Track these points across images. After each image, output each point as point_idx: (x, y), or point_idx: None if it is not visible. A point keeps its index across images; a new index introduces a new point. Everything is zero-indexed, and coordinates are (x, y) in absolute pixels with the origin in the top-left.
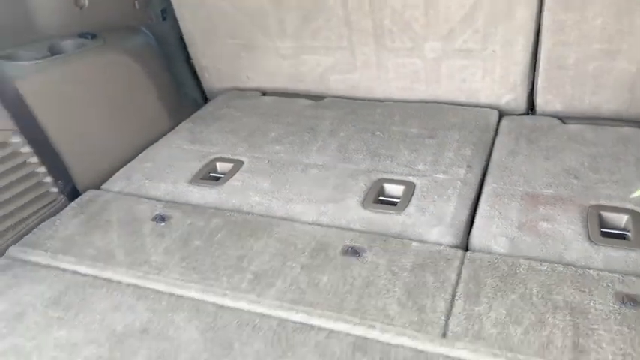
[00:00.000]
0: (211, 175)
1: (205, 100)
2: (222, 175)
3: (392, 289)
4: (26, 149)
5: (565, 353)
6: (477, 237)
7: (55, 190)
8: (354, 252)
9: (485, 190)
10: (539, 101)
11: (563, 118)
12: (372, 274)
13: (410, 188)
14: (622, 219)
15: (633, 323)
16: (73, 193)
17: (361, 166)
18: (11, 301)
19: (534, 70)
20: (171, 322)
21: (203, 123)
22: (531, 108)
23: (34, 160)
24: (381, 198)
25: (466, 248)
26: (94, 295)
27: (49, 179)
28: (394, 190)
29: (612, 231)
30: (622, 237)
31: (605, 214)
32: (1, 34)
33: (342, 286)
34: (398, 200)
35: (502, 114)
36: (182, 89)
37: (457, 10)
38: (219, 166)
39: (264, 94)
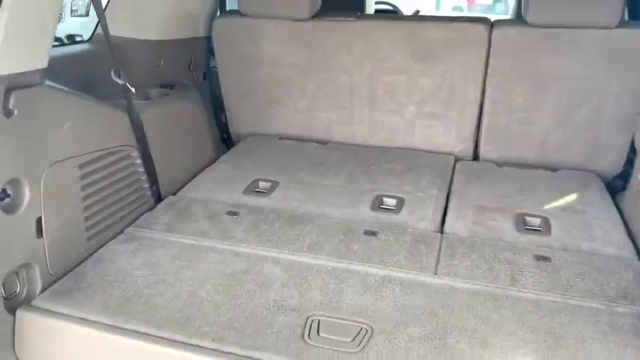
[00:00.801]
0: (256, 190)
1: (226, 144)
2: (264, 191)
3: (400, 251)
4: (138, 161)
5: (506, 281)
6: (449, 227)
7: (149, 193)
8: (372, 233)
9: (450, 204)
10: (481, 151)
11: (497, 163)
12: (386, 244)
13: (401, 201)
14: (537, 221)
15: (544, 268)
16: (158, 197)
17: (365, 187)
18: (145, 257)
19: (479, 130)
20: (262, 268)
21: (240, 156)
22: (476, 156)
23: (141, 169)
24: (381, 206)
25: (442, 233)
26: (202, 255)
27: (147, 184)
28: (390, 201)
29: (531, 227)
30: (538, 231)
31: (527, 218)
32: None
33: (368, 250)
34: (394, 208)
35: (456, 159)
36: None
37: (428, 86)
38: (260, 184)
39: (280, 139)
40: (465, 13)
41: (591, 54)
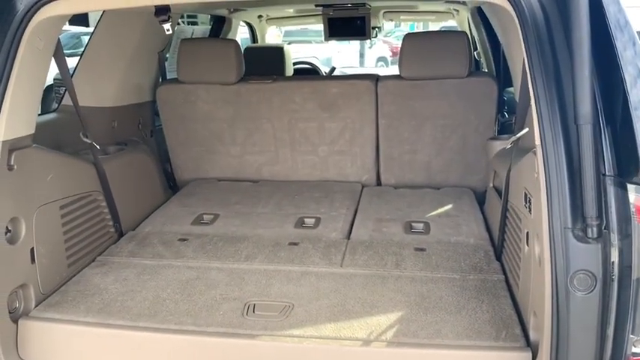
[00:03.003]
0: (201, 222)
1: (173, 189)
2: (208, 221)
3: (316, 254)
4: (103, 203)
5: (392, 266)
6: (354, 234)
7: (112, 229)
8: (294, 244)
9: (357, 217)
10: (382, 178)
11: (395, 186)
12: (305, 250)
13: (318, 219)
14: (420, 225)
15: (420, 256)
16: (120, 232)
17: (290, 211)
18: (115, 276)
19: (378, 161)
20: (209, 275)
21: (185, 197)
22: (379, 182)
23: (105, 210)
24: (303, 225)
25: (348, 239)
26: (161, 270)
27: (111, 222)
28: (310, 220)
29: (415, 230)
30: (420, 232)
31: (413, 224)
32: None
33: (291, 255)
34: (312, 225)
35: (363, 186)
36: None
37: (335, 129)
38: (205, 217)
39: (219, 181)
40: (390, 68)
41: (453, 97)
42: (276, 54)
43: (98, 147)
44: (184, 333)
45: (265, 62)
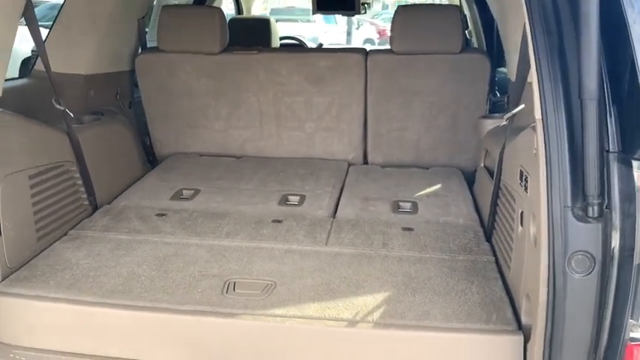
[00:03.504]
0: (181, 197)
1: (152, 164)
2: (188, 197)
3: (300, 232)
4: (76, 175)
5: (379, 245)
6: (340, 213)
7: (87, 202)
8: (278, 221)
9: (343, 195)
10: (370, 157)
11: (382, 165)
12: (289, 228)
13: (303, 197)
14: (408, 205)
15: (408, 236)
16: (94, 206)
17: (274, 188)
18: (88, 250)
19: (366, 139)
20: (188, 251)
21: (165, 171)
22: (366, 161)
23: (79, 182)
24: (287, 202)
25: (334, 217)
26: (137, 246)
27: (84, 195)
28: (294, 198)
29: (403, 210)
30: (408, 212)
31: (401, 203)
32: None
33: (274, 233)
34: (297, 203)
35: (349, 164)
36: None
37: (322, 104)
38: (184, 192)
39: (200, 156)
40: (376, 46)
41: (444, 74)
42: (261, 26)
43: (72, 115)
44: (159, 311)
45: (250, 34)
